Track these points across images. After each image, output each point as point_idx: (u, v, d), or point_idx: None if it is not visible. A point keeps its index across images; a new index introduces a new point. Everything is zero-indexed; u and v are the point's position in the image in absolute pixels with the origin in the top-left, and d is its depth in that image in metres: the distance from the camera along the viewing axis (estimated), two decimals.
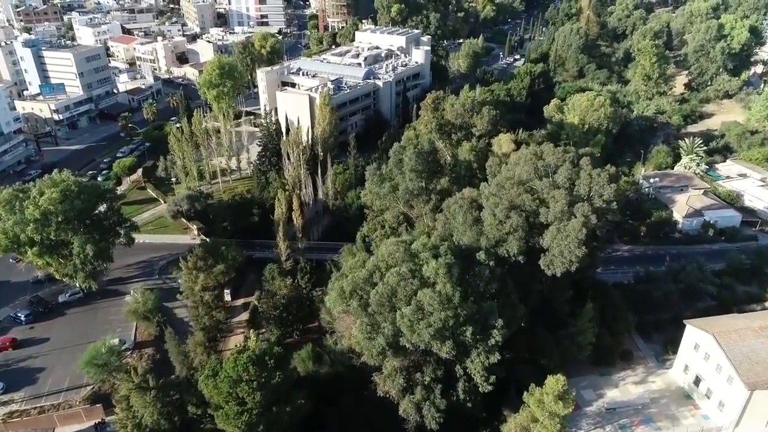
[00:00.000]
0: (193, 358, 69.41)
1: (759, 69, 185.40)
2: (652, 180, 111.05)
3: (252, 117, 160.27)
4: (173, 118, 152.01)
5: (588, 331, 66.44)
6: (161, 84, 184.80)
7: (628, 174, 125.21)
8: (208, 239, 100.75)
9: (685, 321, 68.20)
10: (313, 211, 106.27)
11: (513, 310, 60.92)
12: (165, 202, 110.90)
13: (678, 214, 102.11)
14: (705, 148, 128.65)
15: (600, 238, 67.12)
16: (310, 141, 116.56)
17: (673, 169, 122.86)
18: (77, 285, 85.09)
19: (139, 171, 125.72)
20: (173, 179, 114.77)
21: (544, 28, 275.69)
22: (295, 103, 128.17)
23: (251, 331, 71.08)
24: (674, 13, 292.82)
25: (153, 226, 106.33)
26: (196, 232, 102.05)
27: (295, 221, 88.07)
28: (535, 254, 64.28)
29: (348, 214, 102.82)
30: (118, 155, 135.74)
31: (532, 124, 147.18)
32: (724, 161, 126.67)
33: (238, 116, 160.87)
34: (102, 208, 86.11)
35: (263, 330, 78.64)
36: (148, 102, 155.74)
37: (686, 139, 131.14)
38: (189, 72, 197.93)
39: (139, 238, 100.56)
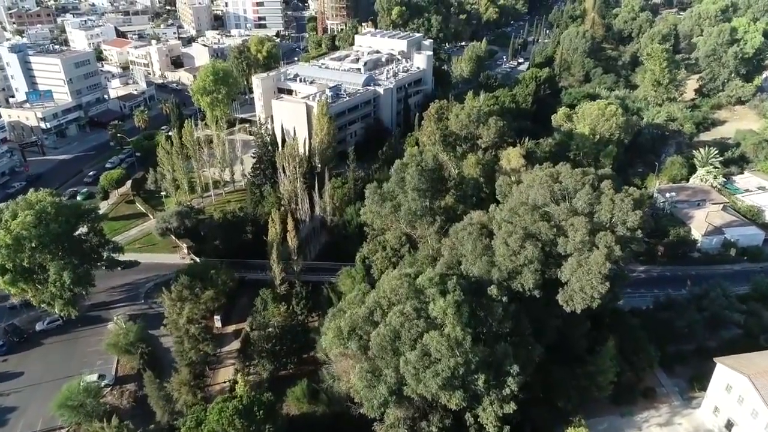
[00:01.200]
0: (176, 399, 63.49)
1: None
2: (668, 195, 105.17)
3: (248, 125, 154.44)
4: (165, 126, 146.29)
5: (609, 370, 60.65)
6: (154, 89, 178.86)
7: (641, 186, 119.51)
8: (198, 259, 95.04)
9: (715, 359, 62.41)
10: (310, 227, 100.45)
11: (528, 351, 55.17)
12: (154, 218, 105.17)
13: (696, 232, 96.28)
14: (720, 158, 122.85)
15: (623, 271, 61.30)
16: (307, 152, 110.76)
17: (688, 181, 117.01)
18: (56, 312, 79.24)
19: (128, 183, 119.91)
20: (163, 193, 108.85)
21: (547, 31, 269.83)
22: (291, 112, 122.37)
23: (239, 375, 65.04)
24: (680, 14, 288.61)
25: (140, 244, 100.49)
26: (185, 251, 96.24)
27: (290, 243, 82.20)
28: (552, 287, 58.44)
29: (347, 232, 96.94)
30: (107, 166, 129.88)
31: (539, 131, 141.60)
32: (741, 173, 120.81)
33: (232, 123, 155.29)
34: (83, 229, 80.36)
35: (255, 362, 72.88)
36: (139, 109, 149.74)
37: (701, 150, 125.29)
38: (183, 77, 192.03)
39: (126, 257, 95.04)
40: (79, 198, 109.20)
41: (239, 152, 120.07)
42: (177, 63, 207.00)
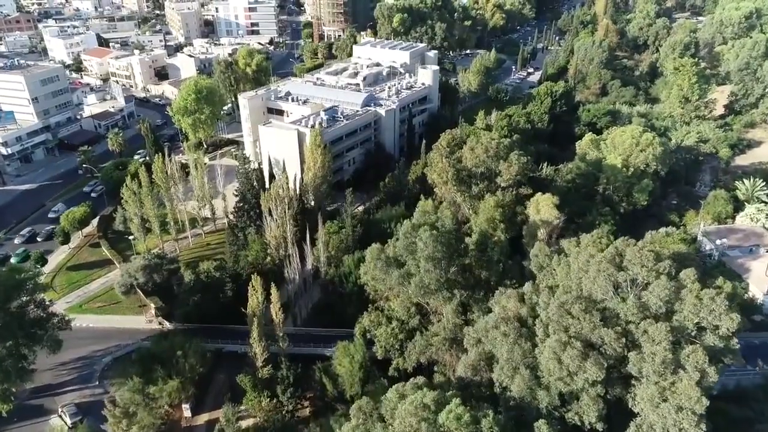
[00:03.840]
0: None
1: None
2: (718, 242, 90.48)
3: (235, 147, 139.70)
4: (142, 150, 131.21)
5: None
6: (134, 105, 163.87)
7: (679, 225, 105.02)
8: (168, 324, 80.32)
9: None
10: (300, 279, 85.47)
11: None
12: (120, 267, 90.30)
13: (757, 289, 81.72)
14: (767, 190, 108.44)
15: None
16: (298, 189, 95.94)
17: (734, 219, 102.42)
18: None
19: (95, 221, 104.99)
20: (131, 238, 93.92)
21: (557, 38, 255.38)
22: (280, 141, 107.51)
23: None
24: (696, 19, 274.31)
25: (102, 302, 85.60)
26: (153, 314, 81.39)
27: (274, 316, 67.34)
28: (617, 413, 43.77)
29: (343, 289, 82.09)
30: (84, 190, 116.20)
31: (556, 154, 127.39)
32: None
33: (218, 145, 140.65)
34: (22, 299, 65.50)
35: None
36: (113, 131, 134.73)
37: (744, 180, 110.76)
38: (168, 90, 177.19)
39: (82, 321, 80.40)
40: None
41: (221, 186, 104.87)
42: (162, 75, 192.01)
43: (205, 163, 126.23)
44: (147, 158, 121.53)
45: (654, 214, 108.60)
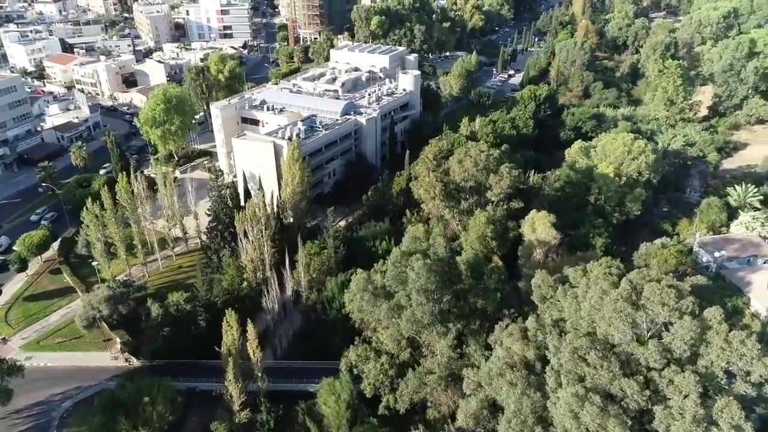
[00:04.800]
0: None
1: None
2: (717, 254, 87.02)
3: (208, 158, 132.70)
4: (106, 165, 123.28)
5: None
6: (100, 115, 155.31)
7: (672, 234, 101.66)
8: (135, 360, 73.64)
9: None
10: (280, 305, 79.32)
11: None
12: (83, 296, 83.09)
13: (759, 304, 78.26)
14: (760, 196, 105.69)
15: None
16: (275, 207, 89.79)
17: (728, 228, 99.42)
18: None
19: (56, 245, 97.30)
20: (95, 264, 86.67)
21: (536, 39, 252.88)
22: (256, 154, 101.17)
23: None
24: (672, 18, 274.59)
25: (62, 337, 78.33)
26: (118, 349, 74.58)
27: (252, 355, 61.26)
28: None
29: (327, 316, 76.34)
30: (32, 218, 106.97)
31: (542, 160, 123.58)
32: None
33: (189, 157, 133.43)
34: None
35: None
36: (76, 145, 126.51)
37: (736, 187, 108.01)
38: (136, 98, 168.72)
39: (39, 359, 73.38)
40: None
41: (192, 203, 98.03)
42: (130, 82, 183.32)
43: (176, 177, 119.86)
44: (113, 173, 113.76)
45: (646, 224, 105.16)
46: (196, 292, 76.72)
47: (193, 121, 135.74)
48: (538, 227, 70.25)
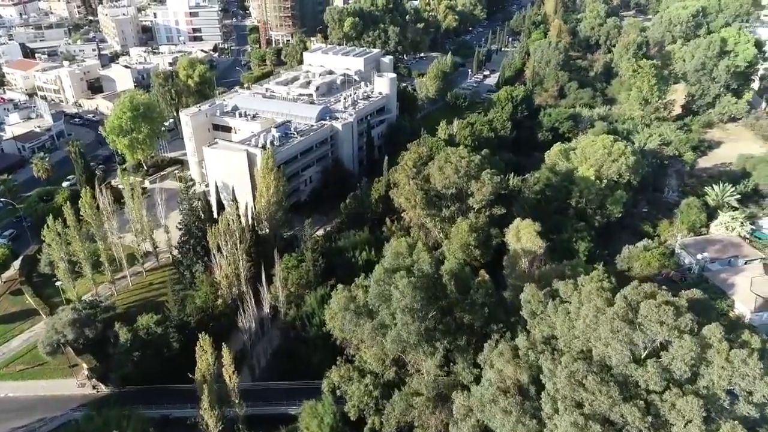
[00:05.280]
0: None
1: (755, 86, 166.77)
2: (699, 256, 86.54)
3: (179, 167, 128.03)
4: (70, 177, 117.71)
5: None
6: (64, 123, 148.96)
7: (653, 235, 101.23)
8: (104, 387, 69.47)
9: None
10: (257, 323, 75.92)
11: None
12: (47, 318, 78.39)
13: (744, 306, 77.88)
14: (737, 195, 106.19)
15: None
16: (250, 219, 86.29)
17: (708, 228, 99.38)
18: None
19: (17, 263, 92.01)
20: (59, 284, 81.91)
21: (510, 38, 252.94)
22: (228, 164, 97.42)
23: None
24: (641, 17, 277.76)
25: (24, 364, 73.65)
26: (85, 376, 70.30)
27: (228, 380, 57.90)
28: None
29: (307, 333, 73.32)
30: None
31: (521, 163, 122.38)
32: (767, 214, 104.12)
33: (159, 166, 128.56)
34: None
35: None
36: (38, 156, 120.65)
37: (714, 186, 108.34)
38: (102, 105, 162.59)
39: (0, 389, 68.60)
40: None
41: (162, 216, 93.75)
42: (95, 88, 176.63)
43: (145, 188, 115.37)
44: (77, 186, 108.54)
45: (627, 225, 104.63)
46: (167, 312, 72.75)
47: (163, 128, 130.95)
48: (523, 236, 68.39)
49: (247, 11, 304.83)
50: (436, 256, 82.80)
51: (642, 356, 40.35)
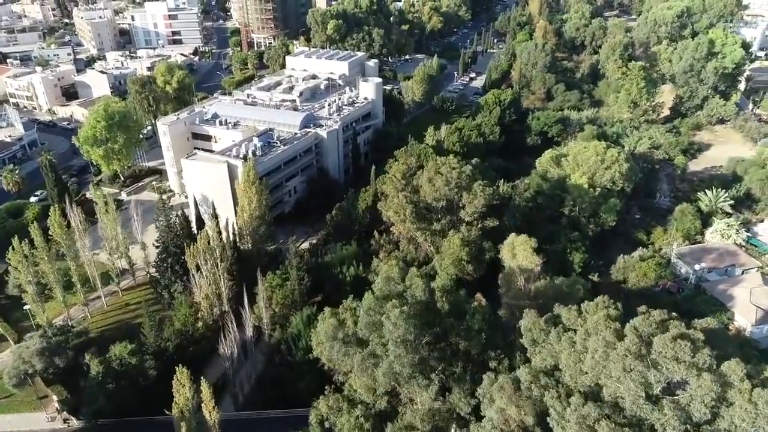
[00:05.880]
0: None
1: (740, 87, 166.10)
2: (697, 266, 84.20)
3: (157, 178, 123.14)
4: (38, 193, 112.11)
5: None
6: (37, 132, 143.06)
7: (647, 243, 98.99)
8: (75, 420, 64.96)
9: None
10: (239, 345, 71.82)
11: None
12: (15, 345, 73.59)
13: (744, 319, 75.64)
14: (731, 201, 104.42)
15: None
16: (231, 234, 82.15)
17: (703, 236, 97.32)
18: None
19: None
20: (27, 308, 77.05)
21: (495, 40, 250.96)
22: (208, 176, 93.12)
23: None
24: (624, 17, 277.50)
25: None
26: (56, 408, 65.75)
27: (208, 417, 53.86)
28: None
29: (292, 357, 69.48)
30: None
31: (510, 169, 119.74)
32: (762, 221, 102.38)
33: (137, 176, 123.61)
34: None
35: None
36: (8, 168, 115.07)
37: (707, 192, 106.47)
38: (77, 112, 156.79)
39: None
40: None
41: (139, 232, 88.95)
42: (70, 94, 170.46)
43: (121, 200, 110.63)
44: (49, 200, 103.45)
45: (621, 233, 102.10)
46: (143, 338, 68.40)
47: (141, 136, 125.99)
48: (519, 252, 65.27)
49: (229, 13, 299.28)
50: (427, 271, 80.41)
51: (655, 392, 37.39)
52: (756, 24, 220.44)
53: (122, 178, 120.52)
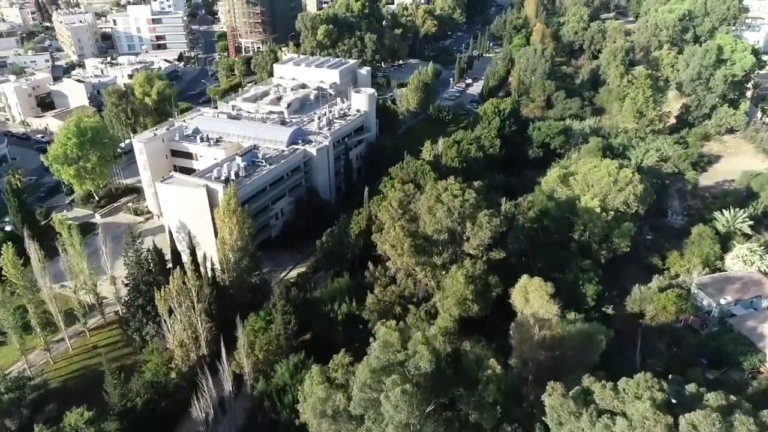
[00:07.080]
0: None
1: (748, 94, 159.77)
2: (723, 300, 77.08)
3: (135, 197, 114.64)
4: (8, 219, 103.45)
5: None
6: (7, 146, 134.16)
7: (662, 269, 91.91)
8: None
9: None
10: (216, 402, 63.66)
11: None
12: None
13: None
14: (750, 222, 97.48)
15: None
16: (210, 269, 74.09)
17: (723, 261, 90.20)
18: None
19: None
20: None
21: (491, 43, 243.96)
22: (185, 201, 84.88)
23: None
24: (622, 19, 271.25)
25: None
26: None
27: None
28: None
29: (277, 414, 61.56)
30: None
31: (511, 184, 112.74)
32: None
33: (113, 195, 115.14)
34: None
35: None
36: None
37: (724, 212, 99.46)
38: (52, 124, 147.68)
39: None
40: None
41: (108, 265, 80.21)
42: (46, 104, 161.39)
43: (94, 224, 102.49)
44: (12, 227, 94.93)
45: (633, 257, 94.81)
46: (105, 398, 60.20)
47: (119, 151, 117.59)
48: (533, 298, 57.69)
49: (216, 16, 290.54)
50: (427, 309, 72.84)
51: None
52: (759, 27, 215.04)
53: (96, 198, 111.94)
